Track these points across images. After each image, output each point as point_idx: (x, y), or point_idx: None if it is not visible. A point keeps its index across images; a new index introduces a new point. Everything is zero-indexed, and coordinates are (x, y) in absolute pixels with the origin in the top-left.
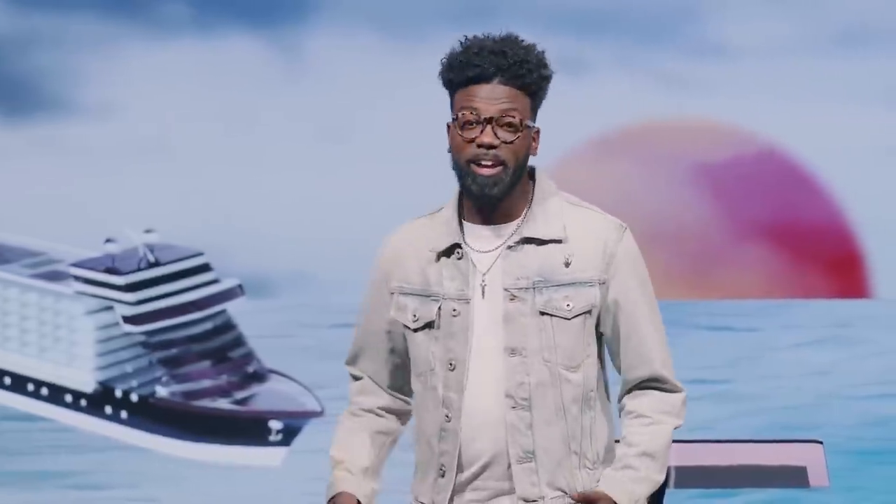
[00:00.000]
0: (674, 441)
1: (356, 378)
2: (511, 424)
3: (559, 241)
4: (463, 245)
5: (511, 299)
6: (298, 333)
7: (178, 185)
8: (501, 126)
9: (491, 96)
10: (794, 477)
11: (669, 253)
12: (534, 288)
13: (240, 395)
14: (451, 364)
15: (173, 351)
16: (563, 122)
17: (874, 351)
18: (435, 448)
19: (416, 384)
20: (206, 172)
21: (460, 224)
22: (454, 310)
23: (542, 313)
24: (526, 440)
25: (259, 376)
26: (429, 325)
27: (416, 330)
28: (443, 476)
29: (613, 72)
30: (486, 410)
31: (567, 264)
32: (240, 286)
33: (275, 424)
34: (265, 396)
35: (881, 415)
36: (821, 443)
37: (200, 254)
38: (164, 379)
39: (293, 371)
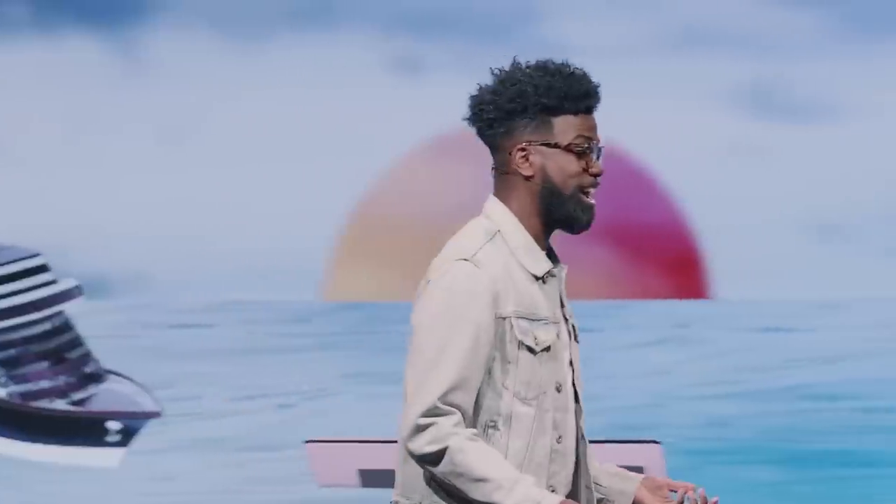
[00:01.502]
0: None
1: (445, 413)
2: (587, 446)
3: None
4: (552, 270)
5: (567, 324)
6: (137, 334)
7: (14, 184)
8: (600, 157)
9: (596, 127)
10: None
11: None
12: (571, 315)
13: (77, 395)
14: (558, 387)
15: (11, 352)
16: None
17: (712, 351)
18: (545, 470)
19: (522, 408)
20: (43, 172)
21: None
22: (557, 333)
23: (576, 340)
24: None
25: (97, 377)
26: (546, 349)
27: (536, 353)
28: None
29: (452, 73)
30: (573, 432)
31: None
32: (78, 287)
33: (113, 425)
34: (103, 397)
35: (719, 415)
36: (659, 443)
37: (38, 254)
38: (1, 380)
39: (132, 372)
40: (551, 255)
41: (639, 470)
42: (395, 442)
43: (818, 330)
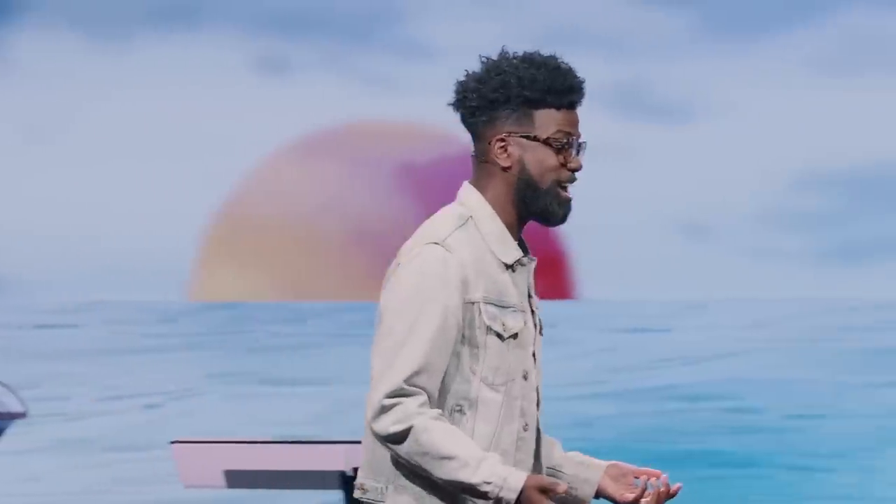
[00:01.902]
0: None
1: (411, 395)
2: (542, 436)
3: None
4: (522, 259)
5: (534, 315)
6: (1, 335)
7: None
8: (580, 152)
9: (578, 122)
10: None
11: (374, 254)
12: (537, 307)
13: None
14: (525, 375)
15: None
16: (267, 122)
17: (578, 352)
18: (511, 457)
19: (490, 394)
20: None
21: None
22: (524, 321)
23: (541, 332)
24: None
25: None
26: (514, 336)
27: (504, 339)
28: None
29: (318, 73)
30: (535, 420)
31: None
32: None
33: None
34: None
35: (585, 415)
36: None
37: None
38: None
39: None
40: (522, 246)
41: None
42: (260, 443)
43: (683, 330)
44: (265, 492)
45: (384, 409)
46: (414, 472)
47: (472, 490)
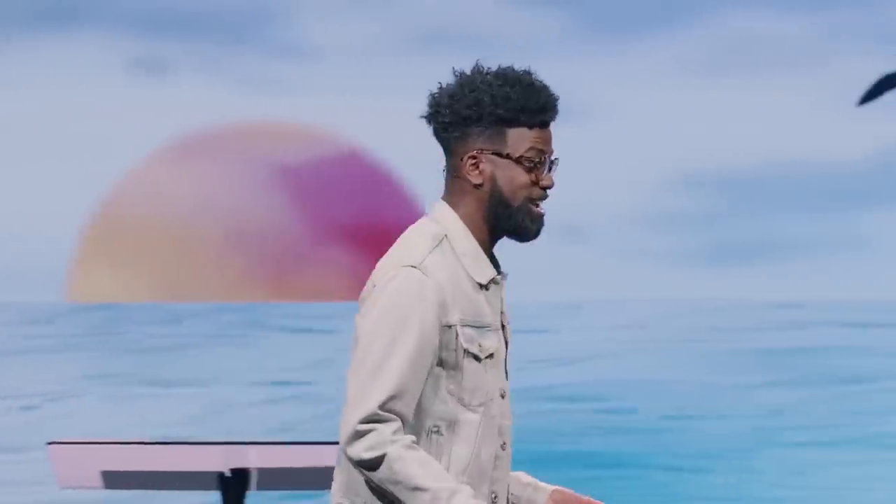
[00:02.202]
0: (250, 443)
1: (385, 420)
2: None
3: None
4: (495, 277)
5: (504, 331)
6: None
7: None
8: (552, 169)
9: (551, 140)
10: None
11: (250, 255)
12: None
13: None
14: (502, 393)
15: None
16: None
17: None
18: (488, 476)
19: (467, 414)
20: None
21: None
22: (499, 340)
23: (506, 344)
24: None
25: None
26: (490, 356)
27: (481, 360)
28: (495, 503)
29: (194, 73)
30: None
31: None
32: None
33: None
34: None
35: None
36: None
37: None
38: None
39: None
40: (494, 262)
41: None
42: (138, 444)
43: (558, 331)
44: (143, 492)
45: (358, 435)
46: (392, 495)
47: None
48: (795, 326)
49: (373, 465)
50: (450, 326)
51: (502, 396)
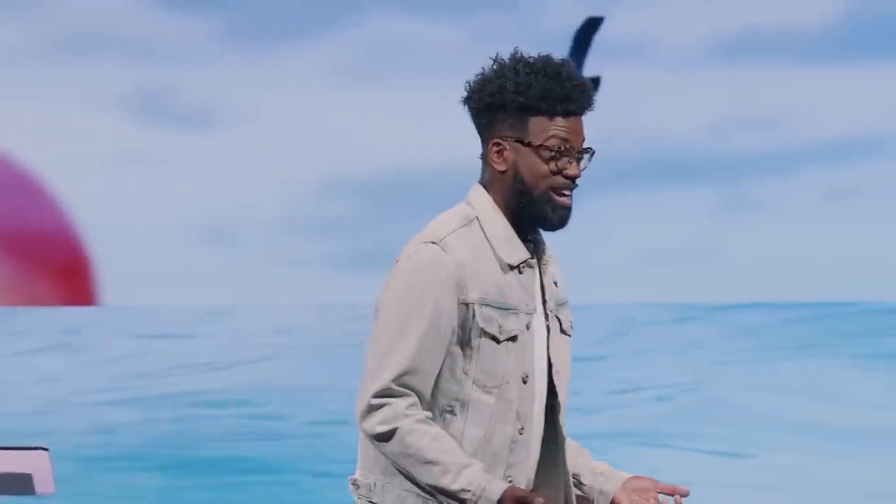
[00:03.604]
0: None
1: (400, 395)
2: (568, 442)
3: (550, 261)
4: (528, 260)
5: (549, 317)
6: None
7: None
8: (580, 159)
9: (578, 129)
10: (19, 485)
11: None
12: (555, 308)
13: None
14: (524, 378)
15: None
16: None
17: (102, 358)
18: (503, 460)
19: (481, 395)
20: None
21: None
22: (527, 324)
23: (563, 332)
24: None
25: None
26: (512, 339)
27: (500, 342)
28: None
29: None
30: (539, 425)
31: (556, 283)
32: None
33: None
34: None
35: (108, 421)
36: (47, 449)
37: None
38: None
39: None
40: (538, 246)
41: (26, 478)
42: None
43: (208, 336)
44: None
45: (372, 409)
46: (403, 472)
47: (451, 496)
48: None
49: (385, 438)
50: (467, 304)
51: (524, 381)
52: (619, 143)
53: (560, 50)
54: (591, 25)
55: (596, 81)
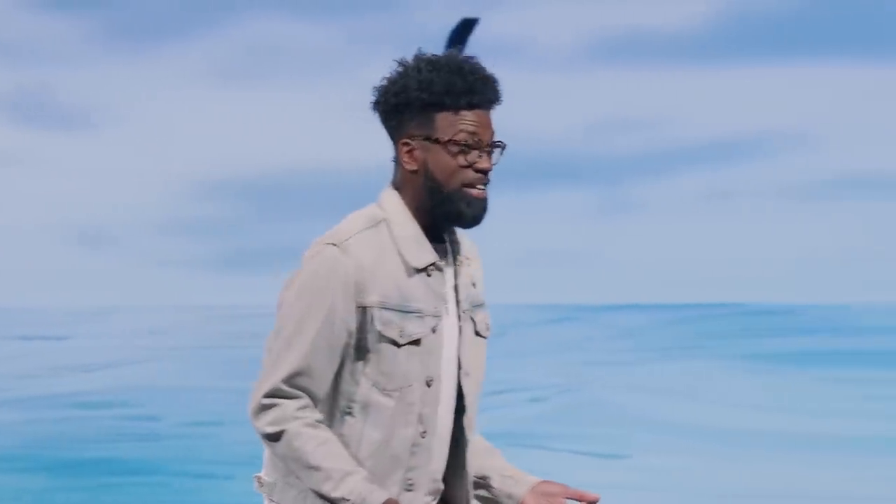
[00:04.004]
0: None
1: (290, 396)
2: (470, 443)
3: (468, 262)
4: (437, 263)
5: (461, 319)
6: None
7: None
8: (490, 152)
9: (486, 123)
10: None
11: None
12: (469, 309)
13: None
14: (428, 381)
15: None
16: None
17: None
18: (403, 463)
19: (381, 399)
20: None
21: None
22: (433, 328)
23: (477, 334)
24: (472, 459)
25: None
26: (415, 342)
27: (400, 346)
28: (410, 490)
29: None
30: (446, 428)
31: (474, 285)
32: None
33: None
34: None
35: None
36: None
37: None
38: None
39: None
40: (454, 248)
41: None
42: None
43: (85, 337)
44: None
45: (262, 409)
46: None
47: (333, 503)
48: None
49: (274, 439)
50: (365, 308)
51: (428, 384)
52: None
53: (436, 50)
54: (466, 26)
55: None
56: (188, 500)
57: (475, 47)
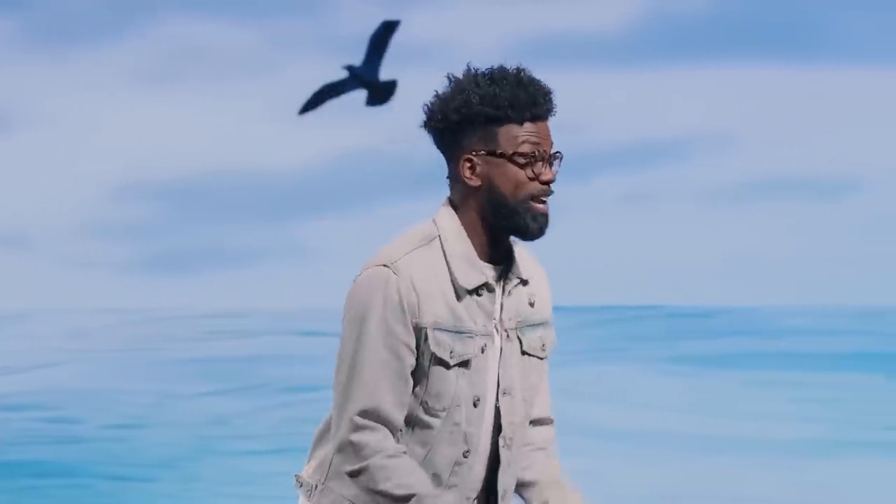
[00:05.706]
0: None
1: (371, 429)
2: (504, 462)
3: (527, 282)
4: (488, 283)
5: (507, 339)
6: None
7: None
8: (552, 164)
9: (547, 133)
10: None
11: None
12: (517, 328)
13: None
14: (475, 401)
15: None
16: None
17: None
18: (443, 481)
19: (427, 418)
20: None
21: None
22: (482, 347)
23: (524, 353)
24: (508, 478)
25: None
26: (464, 363)
27: (450, 367)
28: None
29: None
30: (485, 447)
31: (532, 304)
32: None
33: None
34: None
35: None
36: None
37: None
38: None
39: None
40: (508, 264)
41: None
42: None
43: (3, 341)
44: None
45: (345, 447)
46: (341, 479)
47: None
48: (240, 336)
49: (355, 475)
50: (421, 328)
51: (475, 404)
52: (417, 148)
53: (358, 53)
54: (388, 29)
55: (392, 85)
56: (109, 502)
57: (395, 49)
